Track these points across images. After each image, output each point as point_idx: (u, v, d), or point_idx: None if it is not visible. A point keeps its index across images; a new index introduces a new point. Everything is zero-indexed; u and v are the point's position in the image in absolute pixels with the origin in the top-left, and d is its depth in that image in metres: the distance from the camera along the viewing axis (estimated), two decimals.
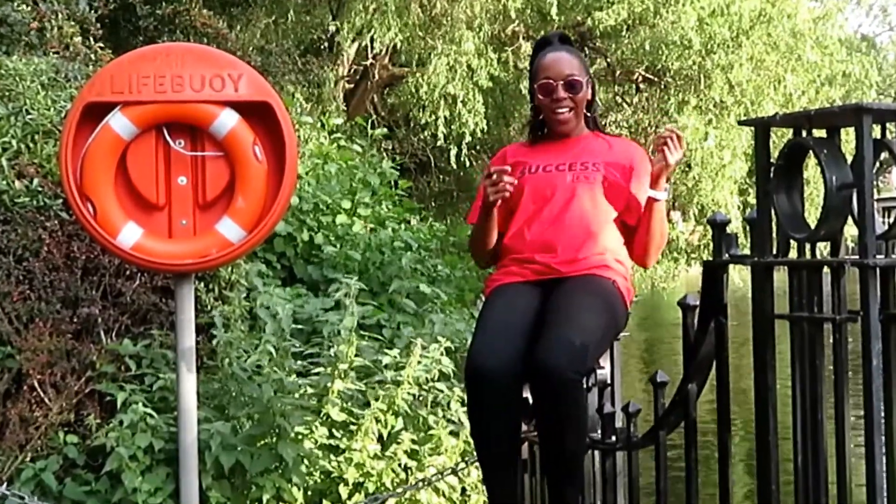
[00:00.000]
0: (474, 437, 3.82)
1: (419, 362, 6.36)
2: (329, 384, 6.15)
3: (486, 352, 3.65)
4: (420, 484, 6.04)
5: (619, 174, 4.02)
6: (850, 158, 2.72)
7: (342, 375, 6.18)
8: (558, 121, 4.09)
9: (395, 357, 6.50)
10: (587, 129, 4.18)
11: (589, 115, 4.19)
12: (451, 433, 6.40)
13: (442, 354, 6.52)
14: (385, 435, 6.19)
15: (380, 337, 7.23)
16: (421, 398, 6.49)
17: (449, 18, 16.15)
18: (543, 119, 4.19)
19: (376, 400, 6.18)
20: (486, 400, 3.66)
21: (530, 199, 4.00)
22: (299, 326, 6.93)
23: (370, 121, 13.22)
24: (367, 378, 6.44)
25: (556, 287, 3.81)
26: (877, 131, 2.76)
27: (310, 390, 6.20)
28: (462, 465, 6.08)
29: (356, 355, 6.31)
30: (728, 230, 3.31)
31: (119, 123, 4.55)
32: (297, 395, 6.05)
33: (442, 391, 6.52)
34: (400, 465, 6.14)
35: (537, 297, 3.82)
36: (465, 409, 6.37)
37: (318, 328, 6.94)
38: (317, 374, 6.35)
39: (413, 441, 6.20)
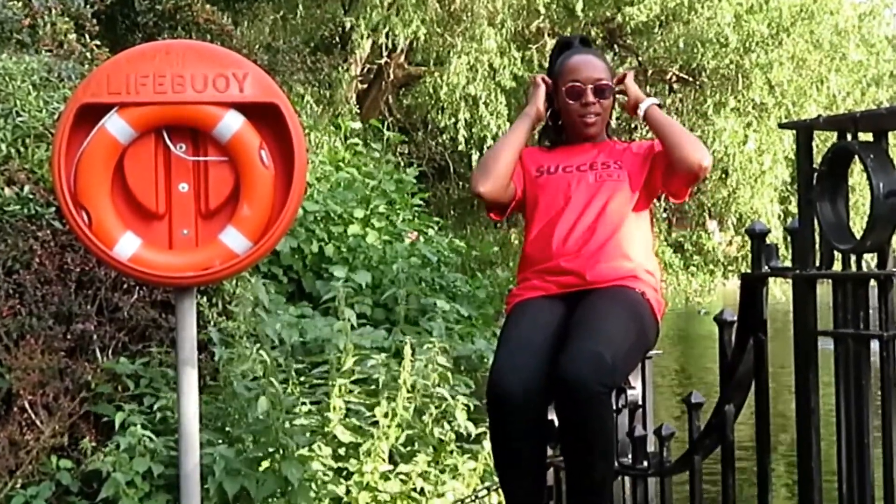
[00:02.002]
0: (496, 458, 3.82)
1: (412, 363, 6.32)
2: (328, 400, 6.14)
3: (508, 370, 3.65)
4: None
5: (639, 164, 4.04)
6: None
7: (341, 391, 6.16)
8: (586, 124, 4.10)
9: (383, 359, 6.49)
10: (605, 136, 4.21)
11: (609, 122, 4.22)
12: (467, 456, 6.39)
13: (437, 353, 6.49)
14: (389, 448, 6.18)
15: (386, 350, 7.24)
16: (427, 411, 6.47)
17: (469, 14, 16.18)
18: (562, 124, 4.21)
19: (385, 417, 6.17)
20: (509, 420, 3.66)
21: (551, 201, 4.01)
22: (304, 340, 6.94)
23: (385, 123, 13.23)
24: (370, 391, 6.44)
25: (581, 300, 3.82)
26: None
27: (311, 407, 6.19)
28: (483, 491, 6.07)
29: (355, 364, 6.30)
30: (768, 240, 3.30)
31: (116, 126, 4.55)
32: (298, 411, 6.04)
33: (446, 399, 6.49)
34: (415, 488, 6.13)
35: (561, 311, 3.82)
36: (471, 421, 6.39)
37: (325, 349, 6.95)
38: (318, 387, 6.35)
39: (428, 464, 6.19)
